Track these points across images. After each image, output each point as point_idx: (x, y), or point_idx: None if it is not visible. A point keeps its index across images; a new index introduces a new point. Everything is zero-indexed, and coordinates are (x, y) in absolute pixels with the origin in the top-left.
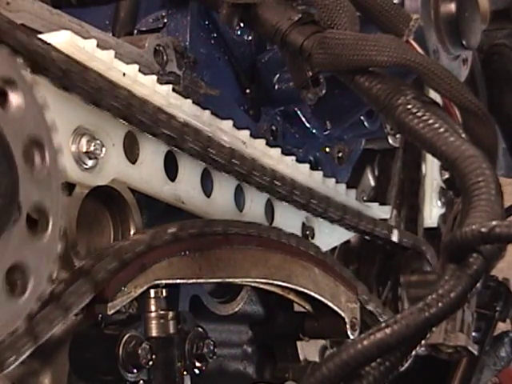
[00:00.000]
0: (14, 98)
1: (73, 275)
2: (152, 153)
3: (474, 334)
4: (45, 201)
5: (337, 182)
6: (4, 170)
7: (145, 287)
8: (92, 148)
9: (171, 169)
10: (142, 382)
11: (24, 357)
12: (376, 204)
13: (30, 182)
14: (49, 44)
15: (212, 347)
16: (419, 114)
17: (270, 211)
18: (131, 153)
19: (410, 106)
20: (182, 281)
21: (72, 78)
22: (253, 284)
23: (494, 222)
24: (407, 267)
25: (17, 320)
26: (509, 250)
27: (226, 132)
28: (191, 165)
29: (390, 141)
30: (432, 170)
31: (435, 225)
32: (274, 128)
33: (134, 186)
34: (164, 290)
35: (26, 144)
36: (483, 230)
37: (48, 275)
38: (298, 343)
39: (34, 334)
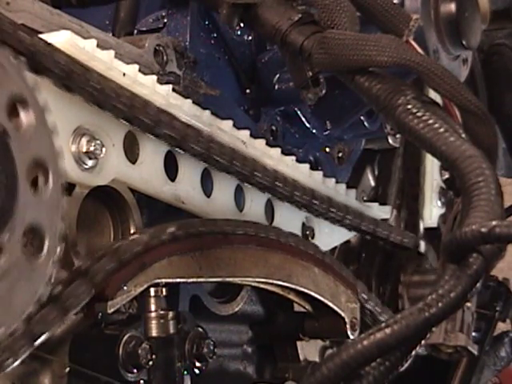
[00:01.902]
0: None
1: (71, 276)
2: (152, 153)
3: (474, 333)
4: (42, 223)
5: (337, 182)
6: (4, 184)
7: (145, 286)
8: (92, 148)
9: (171, 169)
10: (142, 381)
11: (22, 358)
12: (376, 204)
13: (30, 202)
14: (51, 44)
15: (212, 347)
16: (419, 114)
17: (269, 211)
18: (131, 153)
19: (410, 106)
20: (182, 280)
21: (74, 78)
22: (253, 284)
23: (493, 222)
24: (407, 267)
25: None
26: (509, 249)
27: (225, 132)
28: (191, 165)
29: (390, 141)
30: (432, 170)
31: (435, 225)
32: (273, 128)
33: (134, 186)
34: (164, 289)
35: (31, 164)
36: (483, 230)
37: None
38: (298, 343)
39: (31, 335)
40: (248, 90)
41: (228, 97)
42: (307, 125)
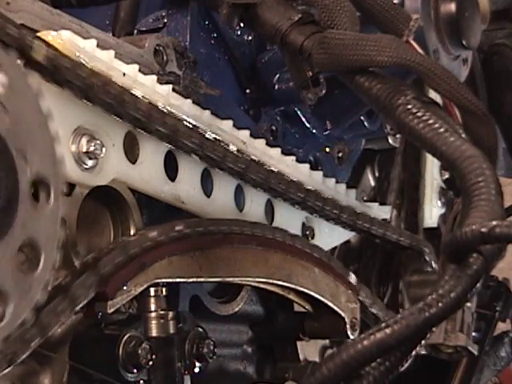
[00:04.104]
0: None
1: (80, 268)
2: (152, 153)
3: (473, 333)
4: (39, 238)
5: (337, 182)
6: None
7: (145, 286)
8: (92, 148)
9: (171, 169)
10: (142, 381)
11: (32, 349)
12: (376, 204)
13: (29, 217)
14: (54, 47)
15: (212, 347)
16: (419, 114)
17: (270, 211)
18: (131, 153)
19: (410, 106)
20: (182, 280)
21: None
22: (253, 284)
23: (494, 222)
24: (408, 267)
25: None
26: (509, 249)
27: (225, 132)
28: (191, 165)
29: (390, 141)
30: (432, 170)
31: (435, 225)
32: (273, 128)
33: (134, 186)
34: (164, 289)
35: (33, 180)
36: (483, 230)
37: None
38: (298, 343)
39: (41, 326)
40: (248, 90)
41: (228, 97)
42: (307, 125)
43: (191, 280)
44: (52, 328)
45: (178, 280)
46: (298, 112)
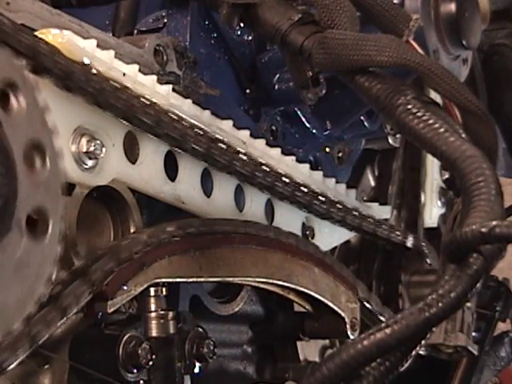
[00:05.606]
0: (16, 101)
1: (70, 276)
2: (152, 153)
3: (474, 333)
4: (45, 204)
5: (337, 182)
6: (3, 172)
7: (145, 285)
8: (92, 148)
9: (171, 169)
10: (141, 382)
11: (21, 359)
12: (376, 204)
13: (31, 185)
14: (51, 45)
15: (212, 347)
16: (419, 114)
17: (269, 211)
18: (131, 153)
19: (410, 106)
20: (182, 279)
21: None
22: (253, 283)
23: (494, 222)
24: (408, 267)
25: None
26: (509, 250)
27: (226, 132)
28: (191, 165)
29: (390, 141)
30: (432, 170)
31: (435, 225)
32: (274, 128)
33: (133, 186)
34: (164, 289)
35: (26, 147)
36: (483, 230)
37: (47, 277)
38: (298, 343)
39: (31, 335)
40: (248, 90)
41: (228, 97)
42: (307, 125)
43: (191, 280)
44: (42, 338)
45: (177, 280)
46: (298, 112)
